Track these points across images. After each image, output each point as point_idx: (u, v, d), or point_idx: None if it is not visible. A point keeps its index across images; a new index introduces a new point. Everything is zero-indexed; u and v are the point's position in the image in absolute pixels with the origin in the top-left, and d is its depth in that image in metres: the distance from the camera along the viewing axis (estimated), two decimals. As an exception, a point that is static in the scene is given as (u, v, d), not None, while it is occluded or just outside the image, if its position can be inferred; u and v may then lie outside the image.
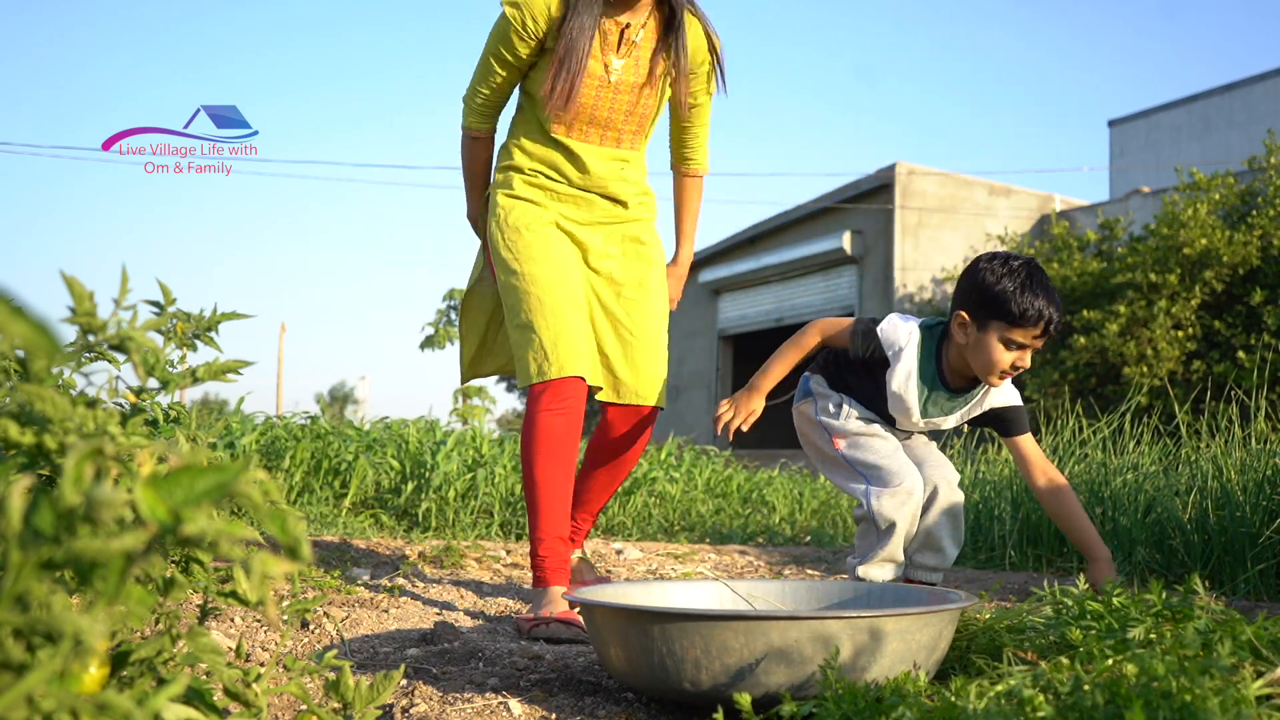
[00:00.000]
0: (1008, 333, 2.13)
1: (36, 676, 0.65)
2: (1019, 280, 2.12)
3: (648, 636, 1.45)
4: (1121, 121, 17.30)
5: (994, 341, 2.14)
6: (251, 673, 1.05)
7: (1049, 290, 2.14)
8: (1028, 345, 2.15)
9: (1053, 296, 2.14)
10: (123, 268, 0.93)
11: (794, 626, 1.39)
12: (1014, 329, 2.12)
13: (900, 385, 2.24)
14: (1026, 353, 2.16)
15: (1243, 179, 10.31)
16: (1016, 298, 2.10)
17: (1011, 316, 2.11)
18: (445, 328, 13.78)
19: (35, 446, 0.80)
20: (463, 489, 4.73)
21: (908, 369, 2.24)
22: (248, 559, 0.70)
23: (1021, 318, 2.10)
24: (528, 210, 2.37)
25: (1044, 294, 2.12)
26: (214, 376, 1.10)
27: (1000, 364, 2.15)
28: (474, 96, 2.41)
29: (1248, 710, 0.98)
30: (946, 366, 2.25)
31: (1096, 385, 9.75)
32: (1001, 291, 2.11)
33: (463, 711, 1.50)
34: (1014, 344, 2.14)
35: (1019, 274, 2.13)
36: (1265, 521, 2.83)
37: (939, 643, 1.50)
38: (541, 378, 2.24)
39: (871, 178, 13.69)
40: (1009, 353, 2.15)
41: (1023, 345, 2.14)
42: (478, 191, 2.54)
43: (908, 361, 2.24)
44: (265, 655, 1.88)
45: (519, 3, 2.24)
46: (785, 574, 3.51)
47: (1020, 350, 2.15)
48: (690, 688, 1.44)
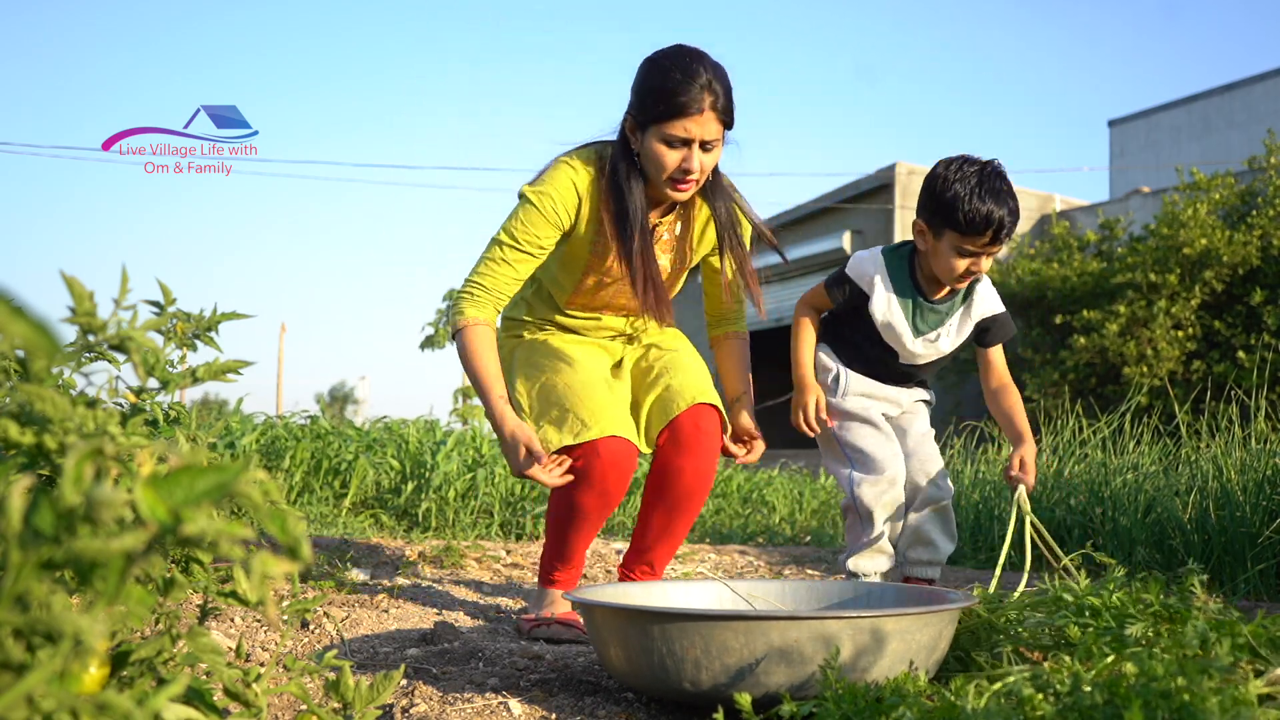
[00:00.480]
0: (959, 241, 2.11)
1: (36, 676, 0.65)
2: (969, 186, 2.08)
3: (648, 636, 1.45)
4: (1121, 121, 17.30)
5: (947, 249, 2.14)
6: (251, 673, 1.05)
7: (999, 194, 2.08)
8: (979, 252, 2.13)
9: (1003, 200, 2.08)
10: (123, 268, 0.93)
11: (794, 627, 1.39)
12: (964, 237, 2.10)
13: (883, 311, 2.25)
14: (981, 259, 2.14)
15: (1243, 179, 10.31)
16: (964, 205, 2.07)
17: (958, 224, 2.09)
18: (445, 328, 13.78)
19: (35, 446, 0.81)
20: (463, 489, 4.73)
21: (884, 294, 2.25)
22: (248, 559, 0.70)
23: (969, 226, 2.08)
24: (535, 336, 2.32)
25: (993, 199, 2.07)
26: (214, 376, 1.10)
27: (955, 270, 2.15)
28: (481, 284, 2.11)
29: (1247, 710, 0.98)
30: (922, 278, 2.26)
31: (1096, 385, 9.75)
32: (952, 199, 2.09)
33: (463, 711, 1.50)
34: (966, 251, 2.13)
35: (970, 180, 2.09)
36: (1265, 521, 2.83)
37: (939, 642, 1.50)
38: (577, 439, 2.04)
39: (871, 178, 13.68)
40: (962, 260, 2.14)
41: (974, 253, 2.13)
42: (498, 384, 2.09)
43: (881, 286, 2.25)
44: (265, 655, 1.88)
45: (546, 192, 2.10)
46: (785, 574, 3.51)
47: (973, 257, 2.14)
48: (690, 688, 1.44)
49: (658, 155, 2.03)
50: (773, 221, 15.46)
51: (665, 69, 2.01)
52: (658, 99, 2.00)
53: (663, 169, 2.04)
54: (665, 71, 2.01)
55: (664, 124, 2.00)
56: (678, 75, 1.99)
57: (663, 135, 2.01)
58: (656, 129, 2.02)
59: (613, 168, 2.11)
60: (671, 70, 2.00)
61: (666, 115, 1.99)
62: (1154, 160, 16.23)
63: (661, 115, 2.00)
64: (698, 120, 1.99)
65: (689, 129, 2.00)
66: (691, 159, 2.03)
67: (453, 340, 2.13)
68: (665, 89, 1.99)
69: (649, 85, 2.03)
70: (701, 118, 1.99)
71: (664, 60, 2.04)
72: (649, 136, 2.03)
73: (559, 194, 2.09)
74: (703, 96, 1.98)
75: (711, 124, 2.01)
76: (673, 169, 2.04)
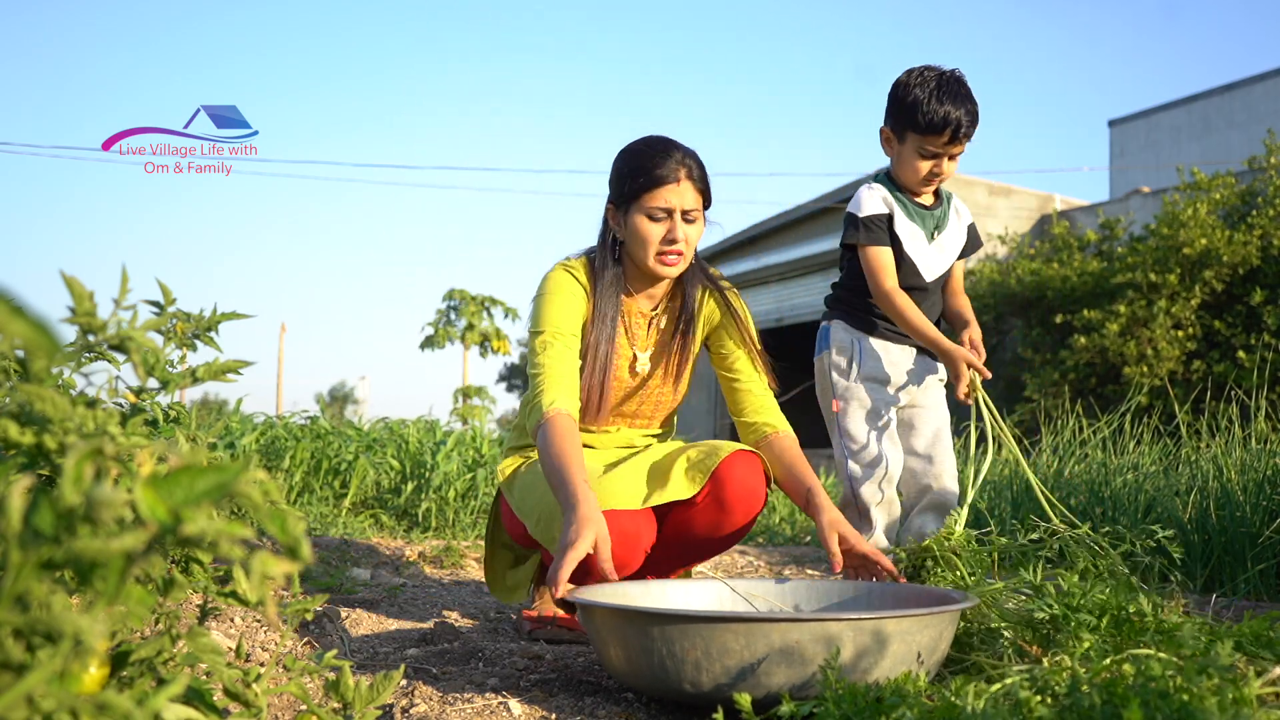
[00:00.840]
0: (920, 143, 2.19)
1: (36, 676, 0.65)
2: (928, 89, 2.15)
3: (648, 637, 1.45)
4: (1121, 121, 17.30)
5: (910, 151, 2.21)
6: (251, 673, 1.05)
7: (957, 96, 2.15)
8: (941, 153, 2.19)
9: (960, 101, 2.15)
10: (123, 268, 0.93)
11: (795, 628, 1.39)
12: (924, 138, 2.17)
13: (904, 231, 2.29)
14: (943, 160, 2.21)
15: (1243, 179, 10.30)
16: (922, 107, 2.15)
17: (918, 126, 2.16)
18: (445, 328, 13.79)
19: (35, 446, 0.81)
20: (463, 489, 4.73)
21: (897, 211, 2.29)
22: (247, 559, 0.70)
23: (928, 126, 2.15)
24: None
25: (950, 100, 2.14)
26: (214, 376, 1.10)
27: (919, 172, 2.22)
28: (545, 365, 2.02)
29: (1246, 711, 0.98)
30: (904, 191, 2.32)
31: (1096, 385, 9.75)
32: (913, 102, 2.17)
33: (463, 711, 1.50)
34: (928, 153, 2.20)
35: (930, 83, 2.16)
36: (1265, 521, 2.83)
37: (940, 643, 1.50)
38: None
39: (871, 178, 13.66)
40: (925, 161, 2.21)
41: (936, 154, 2.20)
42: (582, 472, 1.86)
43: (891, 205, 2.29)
44: (265, 655, 1.88)
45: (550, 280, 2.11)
46: (785, 574, 3.51)
47: (935, 159, 2.20)
48: (691, 689, 1.44)
49: (641, 230, 2.06)
50: (773, 221, 15.47)
51: (639, 151, 2.09)
52: (635, 174, 2.06)
53: (647, 243, 2.06)
54: (639, 153, 2.09)
55: (644, 197, 2.05)
56: (652, 153, 2.07)
57: (644, 209, 2.05)
58: (638, 204, 2.06)
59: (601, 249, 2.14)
60: (645, 151, 2.09)
61: (645, 188, 2.04)
62: (1154, 160, 16.22)
63: (640, 189, 2.05)
64: (675, 190, 2.04)
65: (669, 199, 2.04)
66: (675, 229, 2.05)
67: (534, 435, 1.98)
68: (641, 166, 2.06)
69: (626, 168, 2.09)
70: (679, 187, 2.04)
71: (637, 145, 2.12)
72: (631, 214, 2.07)
73: (562, 281, 2.11)
74: (678, 168, 2.05)
75: (690, 193, 2.06)
76: (658, 241, 2.06)
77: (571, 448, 1.88)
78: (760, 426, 2.14)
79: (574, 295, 2.10)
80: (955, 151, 2.19)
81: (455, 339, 13.90)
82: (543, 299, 2.10)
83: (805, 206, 14.84)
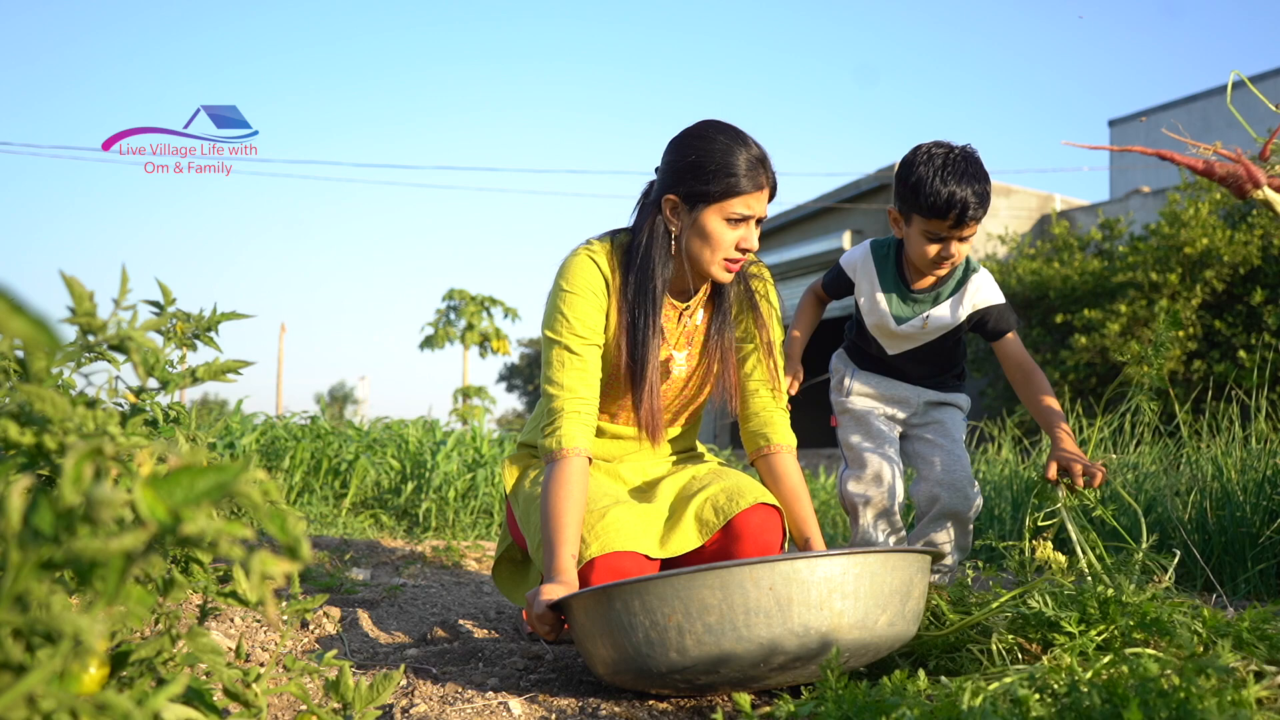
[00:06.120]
0: (925, 225, 2.08)
1: (36, 676, 0.65)
2: (933, 169, 2.04)
3: (629, 612, 1.47)
4: (1121, 121, 17.29)
5: (917, 234, 2.11)
6: (251, 673, 1.06)
7: (964, 176, 2.03)
8: (947, 237, 2.08)
9: (966, 182, 2.02)
10: (122, 268, 0.93)
11: (766, 571, 1.42)
12: (929, 221, 2.07)
13: (867, 297, 2.27)
14: (950, 244, 2.09)
15: (1243, 179, 10.29)
16: (925, 189, 2.03)
17: (923, 209, 2.05)
18: (445, 328, 13.79)
19: (35, 446, 0.81)
20: (463, 489, 4.74)
21: (870, 282, 2.27)
22: (247, 559, 0.70)
23: (931, 209, 2.04)
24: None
25: (956, 180, 2.02)
26: (214, 376, 1.10)
27: (927, 255, 2.12)
28: (559, 382, 1.94)
29: (1245, 711, 0.98)
30: (907, 268, 2.25)
31: (1097, 385, 9.75)
32: (916, 183, 2.06)
33: (463, 712, 1.50)
34: (934, 235, 2.09)
35: (935, 162, 2.05)
36: (1265, 521, 2.83)
37: (911, 590, 1.54)
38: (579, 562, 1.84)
39: (871, 178, 13.68)
40: (932, 245, 2.10)
41: (943, 237, 2.08)
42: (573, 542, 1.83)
43: (866, 274, 2.27)
44: (265, 655, 1.88)
45: (571, 276, 1.97)
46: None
47: (942, 242, 2.09)
48: (678, 658, 1.45)
49: (715, 233, 1.92)
50: (773, 221, 15.48)
51: (725, 148, 1.92)
52: (721, 173, 1.90)
53: (719, 248, 1.94)
54: (725, 150, 1.92)
55: (729, 200, 1.91)
56: (739, 149, 1.91)
57: (725, 212, 1.91)
58: (718, 206, 1.91)
59: (648, 242, 1.97)
60: (731, 147, 1.92)
61: (732, 190, 1.90)
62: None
63: (726, 190, 1.90)
64: (759, 196, 1.92)
65: (751, 205, 1.92)
66: (750, 237, 1.94)
67: (543, 458, 1.92)
68: (728, 164, 1.90)
69: (709, 164, 1.91)
70: (762, 194, 1.93)
71: (718, 138, 1.93)
72: (705, 213, 1.92)
73: (584, 275, 1.97)
74: (762, 172, 1.92)
75: (765, 200, 1.95)
76: (730, 247, 1.94)
77: (573, 504, 1.83)
78: (762, 440, 2.08)
79: (596, 293, 1.96)
80: (964, 234, 2.08)
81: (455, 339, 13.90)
82: (562, 296, 1.97)
83: (805, 206, 14.84)
